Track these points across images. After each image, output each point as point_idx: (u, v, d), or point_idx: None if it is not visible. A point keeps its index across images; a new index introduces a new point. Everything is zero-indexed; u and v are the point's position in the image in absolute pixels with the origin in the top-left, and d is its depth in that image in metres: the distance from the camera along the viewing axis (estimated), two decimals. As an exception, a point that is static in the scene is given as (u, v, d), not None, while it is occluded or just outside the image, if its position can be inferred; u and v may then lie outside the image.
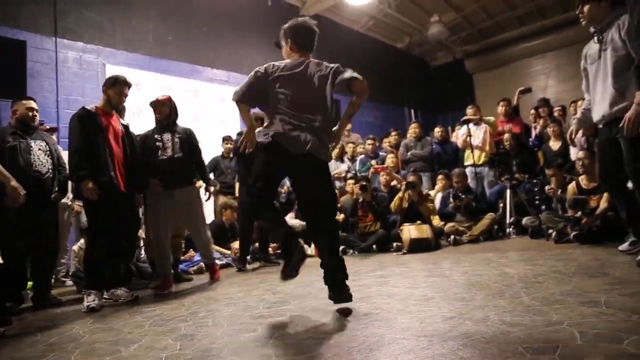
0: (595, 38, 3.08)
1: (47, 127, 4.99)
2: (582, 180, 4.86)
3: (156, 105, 4.26)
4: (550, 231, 4.83)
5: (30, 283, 4.08)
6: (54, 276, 4.52)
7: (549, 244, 4.66)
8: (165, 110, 4.23)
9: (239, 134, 5.36)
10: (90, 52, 6.77)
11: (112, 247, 3.76)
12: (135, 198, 4.00)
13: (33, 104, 4.04)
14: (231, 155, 6.51)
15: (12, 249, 3.79)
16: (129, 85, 3.88)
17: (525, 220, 5.36)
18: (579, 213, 4.58)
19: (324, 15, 10.80)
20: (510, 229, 5.56)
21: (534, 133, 7.01)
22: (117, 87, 3.80)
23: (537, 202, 5.57)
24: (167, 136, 4.16)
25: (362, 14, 11.02)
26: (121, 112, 4.21)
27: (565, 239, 4.56)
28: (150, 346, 2.17)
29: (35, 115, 4.03)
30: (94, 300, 3.39)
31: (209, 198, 4.57)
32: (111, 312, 3.26)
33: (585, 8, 3.07)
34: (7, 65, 5.68)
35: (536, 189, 5.59)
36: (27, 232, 3.81)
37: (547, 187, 5.31)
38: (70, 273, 5.02)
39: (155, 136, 4.17)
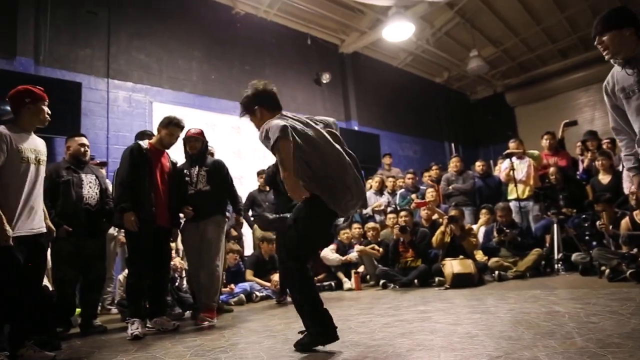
0: (628, 70, 2.65)
1: (98, 161, 5.26)
2: (637, 215, 4.62)
3: (189, 139, 4.28)
4: (603, 268, 4.57)
5: (78, 310, 4.23)
6: (100, 304, 4.65)
7: (602, 281, 4.41)
8: (197, 145, 4.27)
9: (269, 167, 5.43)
10: (139, 91, 7.16)
11: (154, 278, 3.89)
12: (173, 232, 4.13)
13: (84, 140, 4.29)
14: (267, 189, 6.60)
15: (62, 278, 3.96)
16: (181, 127, 4.03)
17: (575, 257, 5.11)
18: (635, 250, 4.33)
19: (362, 52, 11.03)
20: (559, 265, 5.30)
21: (581, 166, 6.77)
22: (169, 129, 3.97)
23: (587, 237, 5.32)
24: (195, 170, 4.21)
25: (400, 50, 11.18)
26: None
27: (621, 277, 4.30)
28: (191, 376, 2.18)
29: (87, 151, 4.26)
30: (137, 329, 3.48)
31: (240, 227, 4.63)
32: (153, 340, 3.31)
33: (605, 38, 2.65)
34: (64, 105, 6.06)
35: (586, 224, 5.35)
36: (77, 262, 3.98)
37: (598, 223, 5.08)
38: (115, 301, 5.15)
39: (185, 171, 4.25)
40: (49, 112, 3.02)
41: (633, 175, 2.83)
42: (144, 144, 3.93)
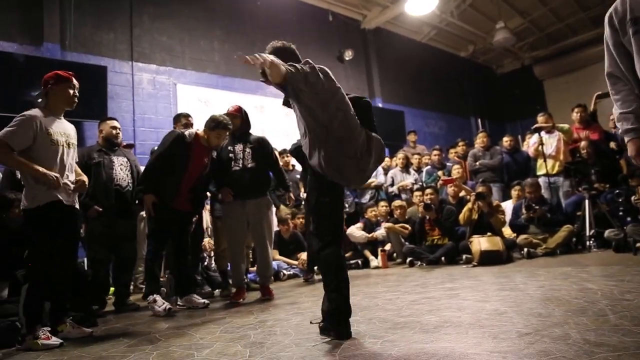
0: None
1: (125, 143, 5.35)
2: (673, 189, 4.46)
3: (228, 116, 4.22)
4: (638, 245, 4.45)
5: (112, 289, 4.38)
6: (132, 283, 4.79)
7: (637, 258, 4.29)
8: (236, 121, 4.21)
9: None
10: (163, 73, 7.22)
11: (178, 258, 4.00)
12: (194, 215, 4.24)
13: (116, 124, 4.38)
14: (291, 168, 6.60)
15: (94, 257, 4.10)
16: (229, 128, 3.97)
17: (607, 233, 4.98)
18: (671, 225, 4.19)
19: (385, 27, 10.81)
20: (591, 242, 5.18)
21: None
22: (217, 131, 3.90)
23: (621, 213, 5.17)
24: (239, 147, 4.17)
25: (424, 24, 10.92)
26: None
27: (656, 253, 4.19)
28: (222, 352, 2.23)
29: (119, 134, 4.36)
30: (163, 303, 3.61)
31: (290, 204, 4.75)
32: (184, 317, 3.40)
33: None
34: (90, 89, 6.16)
35: (620, 200, 5.19)
36: (108, 242, 4.11)
37: (633, 198, 4.92)
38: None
39: (229, 148, 4.21)
40: (77, 94, 3.07)
41: (631, 139, 2.04)
42: (190, 135, 3.92)
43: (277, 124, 8.46)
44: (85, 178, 3.18)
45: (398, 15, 10.09)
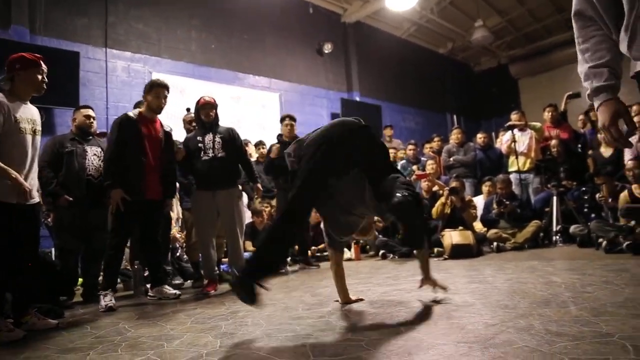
0: None
1: (98, 132, 5.24)
2: (635, 189, 4.63)
3: (203, 107, 4.20)
4: (601, 240, 4.62)
5: (80, 280, 4.29)
6: (102, 274, 4.71)
7: (599, 253, 4.45)
8: (212, 112, 4.19)
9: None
10: (138, 61, 7.07)
11: (150, 249, 3.90)
12: (165, 203, 4.02)
13: (90, 112, 4.28)
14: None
15: (63, 247, 4.01)
16: (165, 86, 3.88)
17: (573, 229, 5.15)
18: (633, 222, 4.35)
19: (365, 22, 10.83)
20: (557, 237, 5.35)
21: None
22: (154, 91, 3.81)
23: (586, 210, 5.35)
24: (209, 137, 4.12)
25: (404, 20, 10.98)
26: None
27: (617, 249, 4.34)
28: (192, 342, 2.22)
29: (92, 123, 4.27)
30: (111, 300, 3.46)
31: (258, 197, 4.58)
32: (155, 308, 3.37)
33: None
34: (62, 75, 5.98)
35: (586, 197, 5.37)
36: (78, 231, 4.02)
37: (597, 195, 5.09)
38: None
39: (198, 137, 4.15)
40: (45, 79, 2.97)
41: (603, 101, 1.47)
42: (133, 113, 3.80)
43: (253, 115, 8.41)
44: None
45: (379, 10, 10.11)
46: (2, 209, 2.68)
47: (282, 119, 5.30)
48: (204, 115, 4.19)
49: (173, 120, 7.03)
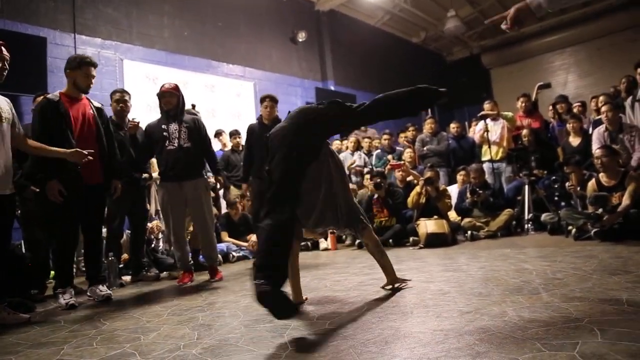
0: None
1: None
2: (602, 177, 4.77)
3: (163, 95, 4.03)
4: (570, 228, 4.75)
5: (52, 272, 4.18)
6: (75, 266, 4.60)
7: (569, 240, 4.59)
8: (173, 100, 4.01)
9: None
10: (108, 47, 6.87)
11: (92, 241, 3.64)
12: (112, 185, 3.72)
13: None
14: (240, 149, 6.45)
15: (31, 239, 3.89)
16: (94, 64, 3.55)
17: (544, 217, 5.28)
18: (600, 210, 4.50)
19: (339, 10, 10.78)
20: (529, 225, 5.48)
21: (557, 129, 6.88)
22: (83, 69, 3.46)
23: (556, 198, 5.49)
24: (174, 126, 3.97)
25: (378, 8, 10.96)
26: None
27: (586, 236, 4.48)
28: (169, 335, 2.21)
29: None
30: (70, 297, 3.28)
31: (220, 188, 4.47)
32: (131, 302, 3.32)
33: None
34: (28, 61, 5.75)
35: (556, 185, 5.51)
36: (45, 223, 3.88)
37: (567, 184, 5.23)
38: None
39: (162, 126, 3.99)
40: (6, 67, 2.85)
41: None
42: (54, 96, 3.44)
43: (227, 104, 8.31)
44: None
45: (352, -2, 10.09)
46: None
47: (262, 100, 4.97)
48: (164, 103, 4.03)
49: (148, 110, 6.92)
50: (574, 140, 5.98)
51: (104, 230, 4.22)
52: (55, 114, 3.34)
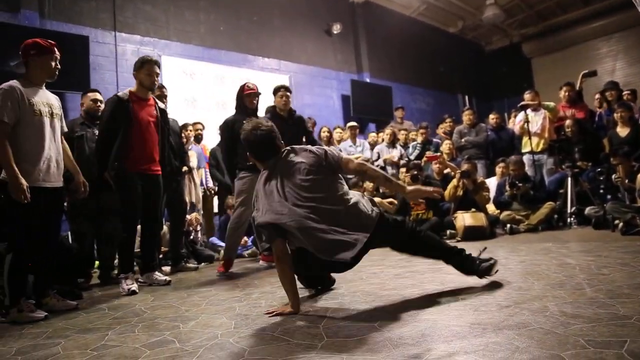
0: None
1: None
2: (653, 168, 4.55)
3: (249, 95, 4.35)
4: (617, 222, 4.56)
5: (97, 262, 4.36)
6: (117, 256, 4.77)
7: (615, 235, 4.40)
8: (257, 99, 4.39)
9: None
10: (147, 44, 7.05)
11: (150, 233, 3.83)
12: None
13: (98, 96, 4.28)
14: None
15: (77, 230, 4.08)
16: (156, 63, 3.75)
17: (588, 210, 5.08)
18: (650, 203, 4.29)
19: (374, 1, 10.65)
20: (572, 219, 5.29)
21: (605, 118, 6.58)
22: (145, 68, 3.65)
23: (601, 191, 5.28)
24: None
25: (413, -2, 10.78)
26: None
27: (634, 230, 4.27)
28: (207, 323, 2.26)
29: (100, 106, 4.24)
30: (133, 283, 3.45)
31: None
32: (170, 290, 3.42)
33: None
34: (71, 60, 5.95)
35: (601, 178, 5.29)
36: (91, 215, 4.07)
37: (613, 176, 5.01)
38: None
39: (244, 121, 4.10)
40: (59, 66, 2.98)
41: None
42: (124, 94, 3.65)
43: (263, 97, 8.33)
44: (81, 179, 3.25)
45: (387, -11, 9.96)
46: (32, 193, 2.71)
47: (276, 90, 4.86)
48: (248, 102, 4.35)
49: (186, 105, 7.07)
50: (622, 131, 5.72)
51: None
52: (123, 112, 3.53)
